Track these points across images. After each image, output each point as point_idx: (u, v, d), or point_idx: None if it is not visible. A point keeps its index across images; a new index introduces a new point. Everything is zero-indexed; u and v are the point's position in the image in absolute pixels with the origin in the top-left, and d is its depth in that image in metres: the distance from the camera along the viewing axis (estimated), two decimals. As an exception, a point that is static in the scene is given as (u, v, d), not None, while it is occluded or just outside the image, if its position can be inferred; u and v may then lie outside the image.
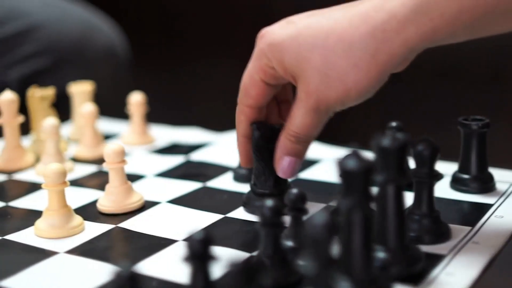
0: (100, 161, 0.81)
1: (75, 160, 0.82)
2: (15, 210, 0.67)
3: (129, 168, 0.70)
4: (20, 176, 0.77)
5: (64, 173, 0.60)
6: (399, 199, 0.51)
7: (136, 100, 0.88)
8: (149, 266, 0.54)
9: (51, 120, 0.77)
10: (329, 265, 0.41)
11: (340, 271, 0.44)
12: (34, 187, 0.73)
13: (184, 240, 0.58)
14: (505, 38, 0.61)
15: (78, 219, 0.62)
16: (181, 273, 0.51)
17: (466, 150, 0.68)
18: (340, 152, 0.81)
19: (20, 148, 0.80)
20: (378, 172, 0.50)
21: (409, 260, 0.52)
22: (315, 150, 0.82)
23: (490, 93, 1.18)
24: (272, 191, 0.64)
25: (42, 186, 0.61)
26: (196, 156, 0.82)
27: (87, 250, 0.58)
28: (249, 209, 0.65)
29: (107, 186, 0.66)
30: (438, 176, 0.58)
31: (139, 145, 0.87)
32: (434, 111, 1.24)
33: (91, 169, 0.79)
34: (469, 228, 0.59)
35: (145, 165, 0.79)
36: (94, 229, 0.61)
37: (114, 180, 0.65)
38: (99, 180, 0.75)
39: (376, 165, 0.50)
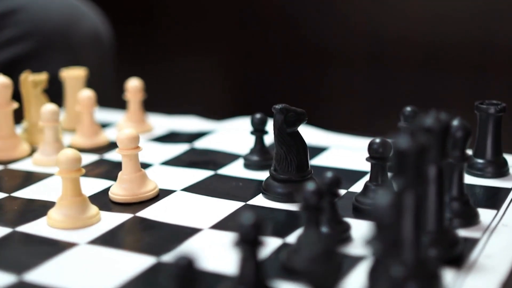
0: (98, 150, 0.78)
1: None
2: (19, 201, 0.63)
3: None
4: (16, 166, 0.73)
5: (79, 160, 0.57)
6: (440, 181, 0.50)
7: (133, 86, 0.84)
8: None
9: (50, 106, 0.73)
10: (395, 246, 0.39)
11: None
12: (34, 177, 0.69)
13: (211, 228, 0.56)
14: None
15: (94, 208, 0.59)
16: (219, 261, 0.50)
17: (482, 135, 0.67)
18: (347, 139, 0.80)
19: (15, 137, 0.76)
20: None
21: (449, 243, 0.50)
22: (322, 137, 0.81)
23: (473, 81, 1.18)
24: (294, 177, 0.62)
25: (56, 173, 0.57)
26: (200, 144, 0.80)
27: (108, 240, 0.55)
28: (270, 195, 0.62)
29: (120, 174, 0.63)
30: (469, 159, 0.57)
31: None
32: (417, 98, 1.24)
33: (92, 158, 0.75)
34: (495, 211, 0.59)
35: (149, 153, 0.76)
36: (111, 219, 0.58)
37: (127, 168, 0.62)
38: (102, 169, 0.72)
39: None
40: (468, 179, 0.68)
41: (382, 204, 0.39)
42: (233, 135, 0.82)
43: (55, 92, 0.88)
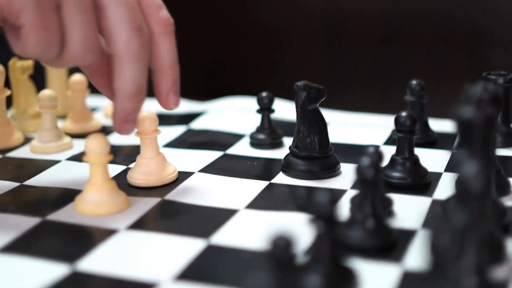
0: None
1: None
2: (35, 189, 0.61)
3: (131, 140, 0.66)
4: (14, 155, 0.70)
5: (108, 145, 0.55)
6: (492, 148, 0.51)
7: (120, 69, 0.82)
8: (231, 238, 0.51)
9: (48, 92, 0.70)
10: (483, 216, 0.40)
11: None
12: (40, 165, 0.67)
13: (246, 208, 0.56)
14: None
15: (122, 194, 0.57)
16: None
17: (490, 105, 0.69)
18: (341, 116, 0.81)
19: (9, 125, 0.72)
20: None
21: (500, 213, 0.52)
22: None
23: (434, 55, 1.21)
24: (317, 154, 0.62)
25: (85, 159, 0.55)
26: (197, 125, 0.79)
27: (148, 225, 0.53)
28: (292, 173, 0.62)
29: (139, 158, 0.61)
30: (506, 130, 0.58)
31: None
32: (377, 74, 1.26)
33: (90, 143, 0.73)
34: (515, 180, 0.61)
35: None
36: (140, 204, 0.57)
37: (147, 151, 0.61)
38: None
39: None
40: (474, 149, 0.70)
41: (470, 173, 0.39)
42: (228, 115, 0.82)
43: (35, 78, 0.84)
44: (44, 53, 0.50)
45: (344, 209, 0.50)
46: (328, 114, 0.76)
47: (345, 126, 0.77)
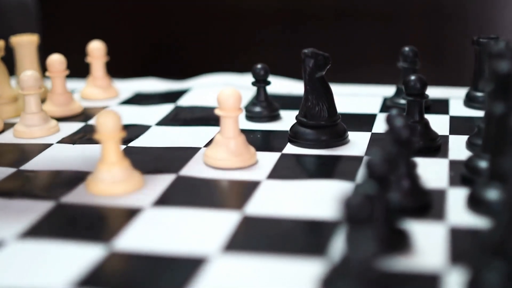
0: (75, 117, 0.72)
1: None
2: (36, 173, 0.57)
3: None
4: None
5: (120, 120, 0.53)
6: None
7: (96, 48, 0.79)
8: (263, 209, 0.49)
9: (31, 72, 0.66)
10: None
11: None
12: (31, 149, 0.63)
13: (268, 179, 0.54)
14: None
15: (136, 172, 0.54)
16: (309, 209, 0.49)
17: (482, 68, 0.70)
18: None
19: (-12, 109, 0.68)
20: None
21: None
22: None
23: (389, 29, 1.22)
24: (326, 123, 0.61)
25: (98, 137, 0.52)
26: (184, 102, 0.76)
27: (173, 200, 0.51)
28: (301, 143, 0.61)
29: (219, 137, 0.57)
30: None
31: (105, 99, 0.79)
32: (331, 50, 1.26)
33: (76, 125, 0.70)
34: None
35: (135, 115, 0.71)
36: (154, 181, 0.54)
37: (228, 131, 0.57)
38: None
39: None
40: (469, 112, 0.71)
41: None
42: (214, 91, 0.79)
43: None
44: None
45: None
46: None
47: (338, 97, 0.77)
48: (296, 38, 1.23)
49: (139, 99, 0.79)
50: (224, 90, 0.57)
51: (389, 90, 0.77)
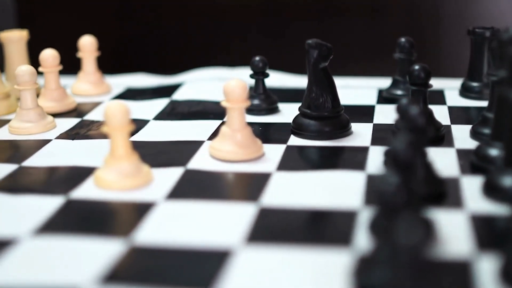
0: (70, 113, 0.71)
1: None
2: (39, 169, 0.56)
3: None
4: (-5, 138, 0.64)
5: (129, 112, 0.52)
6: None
7: (88, 43, 0.77)
8: (279, 200, 0.49)
9: (26, 67, 0.65)
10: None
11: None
12: (30, 146, 0.61)
13: (278, 170, 0.54)
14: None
15: (145, 165, 0.53)
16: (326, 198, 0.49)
17: (479, 58, 0.70)
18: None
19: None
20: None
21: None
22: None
23: (369, 24, 1.23)
24: (330, 114, 0.61)
25: (106, 129, 0.51)
26: (179, 97, 0.75)
27: (186, 193, 0.50)
28: (305, 135, 0.61)
29: (225, 129, 0.57)
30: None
31: (97, 95, 0.77)
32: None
33: (73, 121, 0.68)
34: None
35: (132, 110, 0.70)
36: (163, 175, 0.53)
37: (234, 124, 0.56)
38: (97, 130, 0.65)
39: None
40: (464, 102, 0.71)
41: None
42: (207, 84, 0.79)
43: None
44: None
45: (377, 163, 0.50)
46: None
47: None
48: (288, 31, 1.23)
49: (131, 94, 0.78)
50: (230, 81, 0.56)
51: (383, 82, 0.77)
